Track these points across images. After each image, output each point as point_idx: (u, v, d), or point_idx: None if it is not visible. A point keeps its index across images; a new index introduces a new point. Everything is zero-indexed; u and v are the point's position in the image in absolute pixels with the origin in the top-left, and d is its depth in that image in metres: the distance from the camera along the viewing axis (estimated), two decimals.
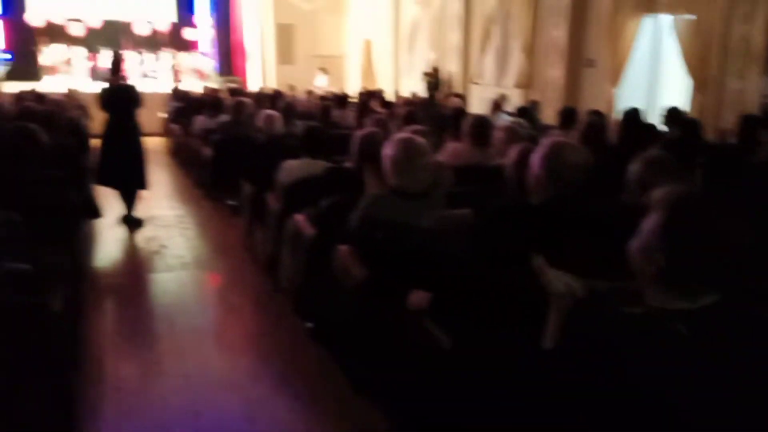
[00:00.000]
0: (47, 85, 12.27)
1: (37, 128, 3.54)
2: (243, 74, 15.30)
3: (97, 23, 14.80)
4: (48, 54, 14.31)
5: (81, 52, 14.61)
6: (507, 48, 10.22)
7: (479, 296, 2.44)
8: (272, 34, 14.68)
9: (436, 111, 8.13)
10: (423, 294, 2.48)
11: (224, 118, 6.99)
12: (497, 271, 2.44)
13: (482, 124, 4.58)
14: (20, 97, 7.51)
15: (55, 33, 14.51)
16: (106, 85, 6.00)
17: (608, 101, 8.29)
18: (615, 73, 8.33)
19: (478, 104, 10.49)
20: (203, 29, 15.98)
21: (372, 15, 14.09)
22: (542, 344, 1.86)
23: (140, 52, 14.96)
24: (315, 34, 14.88)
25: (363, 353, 2.86)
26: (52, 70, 14.28)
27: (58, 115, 6.05)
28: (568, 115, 6.00)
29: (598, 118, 5.57)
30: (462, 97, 9.49)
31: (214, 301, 4.58)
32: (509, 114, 7.48)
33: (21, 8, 14.91)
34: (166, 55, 15.12)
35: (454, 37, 11.39)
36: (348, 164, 3.82)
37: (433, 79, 11.57)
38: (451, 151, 4.53)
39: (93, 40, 14.73)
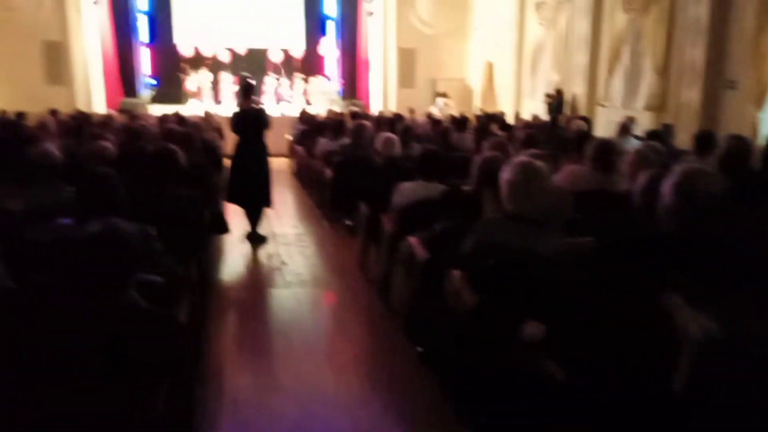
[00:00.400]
0: (189, 109, 13.28)
1: (176, 149, 3.80)
2: (366, 97, 15.72)
3: (239, 50, 15.86)
4: (192, 79, 15.54)
5: (224, 77, 15.72)
6: (637, 68, 9.73)
7: (600, 331, 2.29)
8: (394, 58, 14.99)
9: (559, 134, 7.87)
10: (538, 325, 2.37)
11: (345, 140, 7.19)
12: (621, 305, 2.28)
13: (606, 148, 4.36)
14: (163, 119, 8.15)
15: (199, 59, 15.73)
16: (237, 109, 6.39)
17: (752, 126, 7.63)
18: (759, 96, 7.66)
19: (604, 127, 10.05)
20: (330, 54, 16.67)
21: (494, 37, 14.00)
22: (669, 387, 1.71)
23: (277, 78, 15.88)
24: (436, 57, 15.02)
25: (472, 382, 2.78)
26: (196, 94, 15.47)
27: (195, 137, 6.51)
28: (705, 140, 5.55)
29: (740, 143, 5.11)
30: (587, 120, 9.13)
31: (328, 319, 4.66)
32: (638, 138, 7.09)
33: (167, 37, 16.33)
34: (297, 80, 15.94)
35: (580, 58, 11.02)
36: (465, 188, 3.77)
37: (556, 101, 11.25)
38: (572, 175, 4.34)
39: (235, 66, 15.81)
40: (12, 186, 3.44)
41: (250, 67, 15.43)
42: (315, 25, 17.11)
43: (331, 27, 17.24)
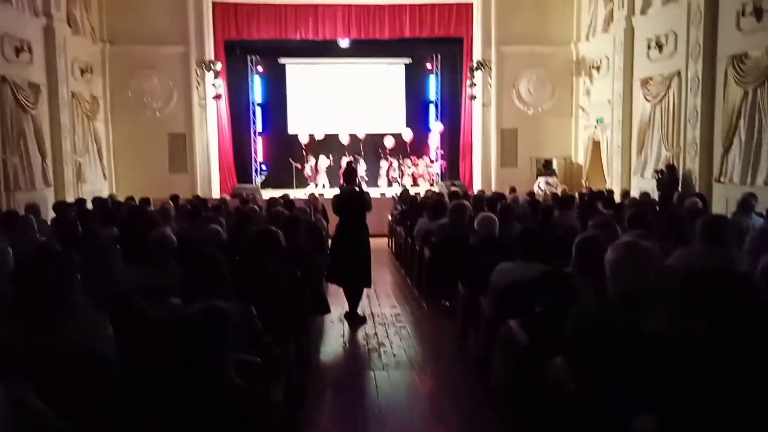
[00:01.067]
0: (301, 192, 13.95)
1: (278, 231, 3.98)
2: (466, 177, 15.84)
3: (347, 135, 16.66)
4: (307, 164, 16.43)
5: (326, 161, 16.51)
6: (756, 143, 9.17)
7: (720, 425, 2.07)
8: (495, 138, 15.11)
9: (670, 212, 7.48)
10: (649, 420, 2.18)
11: (444, 220, 7.20)
12: (746, 397, 2.06)
13: (718, 224, 4.09)
14: (270, 202, 8.58)
15: (309, 146, 16.63)
16: (339, 191, 6.62)
17: None
18: None
19: (721, 205, 9.46)
20: (433, 136, 17.09)
21: (599, 114, 13.81)
22: None
23: (388, 160, 16.49)
24: (539, 136, 14.98)
25: None
26: (306, 178, 16.29)
27: (300, 219, 6.78)
28: None
29: None
30: (702, 197, 8.62)
31: (424, 404, 4.53)
32: (761, 215, 6.59)
33: (280, 125, 17.45)
34: (402, 161, 16.45)
35: (692, 133, 10.58)
36: (567, 268, 3.63)
37: (668, 177, 10.77)
38: (685, 254, 4.07)
39: (341, 150, 16.60)
40: (133, 266, 3.70)
41: (357, 150, 16.15)
42: (418, 109, 17.71)
43: (432, 110, 17.79)
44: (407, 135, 16.78)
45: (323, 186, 15.95)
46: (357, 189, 6.57)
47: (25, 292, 2.81)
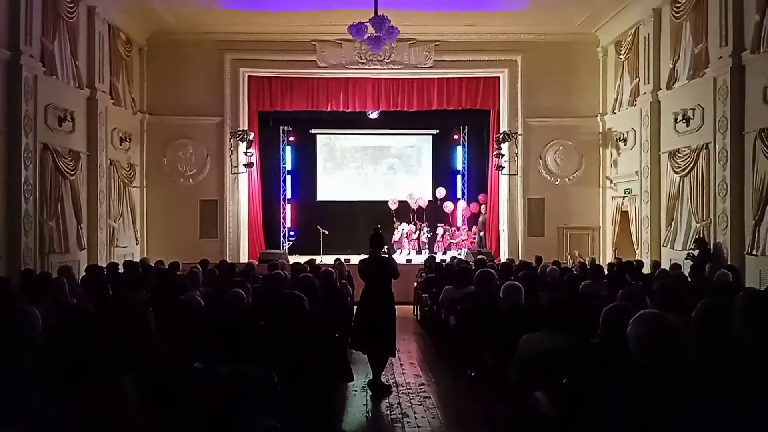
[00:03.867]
0: (325, 258, 14.04)
1: (302, 296, 4.00)
2: (495, 246, 15.79)
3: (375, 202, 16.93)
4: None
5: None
6: None
7: None
8: (522, 208, 15.13)
9: (703, 285, 7.33)
10: None
11: (470, 288, 7.16)
12: None
13: (761, 300, 3.98)
14: (296, 268, 8.63)
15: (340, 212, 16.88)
16: (366, 257, 6.65)
17: None
18: None
19: (754, 277, 9.24)
20: (460, 206, 17.22)
21: (627, 185, 13.79)
22: None
23: (417, 227, 16.61)
24: (565, 206, 14.98)
25: None
26: (393, 244, 16.41)
27: (325, 284, 6.80)
28: None
29: None
30: (735, 269, 8.44)
31: None
32: None
33: (309, 192, 17.80)
34: (431, 229, 16.55)
35: (722, 205, 10.48)
36: (594, 340, 3.57)
37: (699, 250, 10.59)
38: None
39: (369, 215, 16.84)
40: (161, 329, 3.74)
41: (383, 218, 16.30)
42: (445, 178, 17.94)
43: (461, 179, 18.00)
44: (432, 203, 16.98)
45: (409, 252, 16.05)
46: (383, 255, 6.60)
47: (52, 360, 2.84)
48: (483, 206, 16.51)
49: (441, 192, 17.26)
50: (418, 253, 16.11)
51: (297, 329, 3.80)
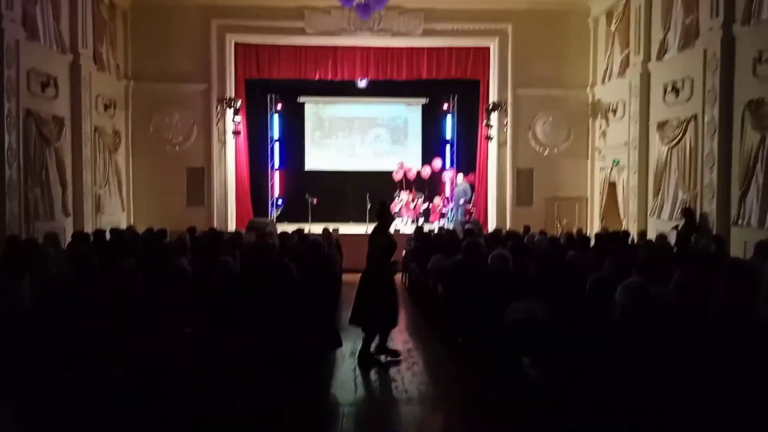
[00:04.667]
0: (313, 227, 14.04)
1: (291, 265, 4.00)
2: (483, 216, 15.83)
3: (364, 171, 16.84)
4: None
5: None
6: None
7: None
8: (511, 178, 15.15)
9: (688, 255, 7.40)
10: None
11: (458, 257, 7.19)
12: None
13: (741, 271, 4.02)
14: (283, 236, 8.61)
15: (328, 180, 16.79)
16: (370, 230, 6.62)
17: None
18: None
19: (738, 248, 9.35)
20: (448, 174, 17.17)
21: (616, 155, 13.83)
22: None
23: (412, 197, 16.56)
24: (554, 176, 15.02)
25: None
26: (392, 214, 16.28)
27: (314, 253, 6.80)
28: None
29: None
30: (720, 239, 8.53)
31: None
32: None
33: (297, 161, 17.69)
34: (419, 198, 16.50)
35: (709, 176, 10.55)
36: (580, 308, 3.61)
37: (685, 220, 10.70)
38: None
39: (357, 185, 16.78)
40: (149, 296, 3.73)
41: (378, 186, 16.27)
42: (434, 148, 17.86)
43: (450, 148, 17.94)
44: (420, 172, 16.92)
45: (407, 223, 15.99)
46: (386, 231, 6.57)
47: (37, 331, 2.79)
48: (460, 176, 16.34)
49: (438, 163, 17.15)
50: (414, 222, 16.06)
51: (286, 297, 3.80)
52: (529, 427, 3.59)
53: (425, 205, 16.56)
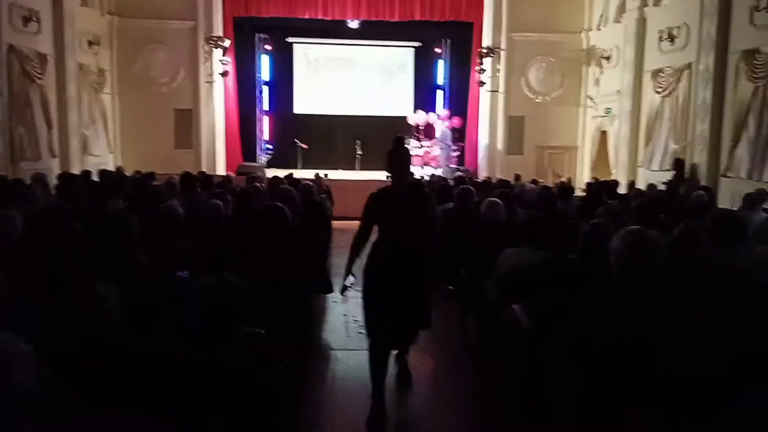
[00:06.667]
0: (303, 172, 13.93)
1: (284, 207, 3.97)
2: (474, 164, 15.79)
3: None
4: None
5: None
6: (766, 138, 9.13)
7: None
8: (502, 126, 15.04)
9: (677, 205, 7.45)
10: (653, 420, 2.18)
11: (449, 205, 7.19)
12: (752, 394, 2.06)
13: (728, 219, 4.07)
14: (274, 182, 8.52)
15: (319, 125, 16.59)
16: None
17: None
18: None
19: (728, 199, 9.43)
20: (439, 121, 17.01)
21: (608, 104, 13.74)
22: None
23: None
24: (545, 125, 14.93)
25: None
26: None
27: (305, 198, 6.76)
28: None
29: None
30: (708, 190, 8.60)
31: (426, 385, 4.56)
32: (767, 211, 6.57)
33: (286, 105, 17.42)
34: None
35: (701, 127, 10.54)
36: (571, 256, 3.64)
37: (675, 171, 10.74)
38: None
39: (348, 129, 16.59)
40: (141, 239, 3.71)
41: (368, 132, 16.12)
42: (426, 93, 17.63)
43: (440, 95, 17.71)
44: (418, 118, 16.70)
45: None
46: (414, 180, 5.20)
47: (31, 265, 2.78)
48: (445, 122, 16.16)
49: (443, 112, 16.83)
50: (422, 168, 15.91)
51: (278, 241, 3.79)
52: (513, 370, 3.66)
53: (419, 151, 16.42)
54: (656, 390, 2.23)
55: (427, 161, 16.06)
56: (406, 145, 3.60)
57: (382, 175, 14.25)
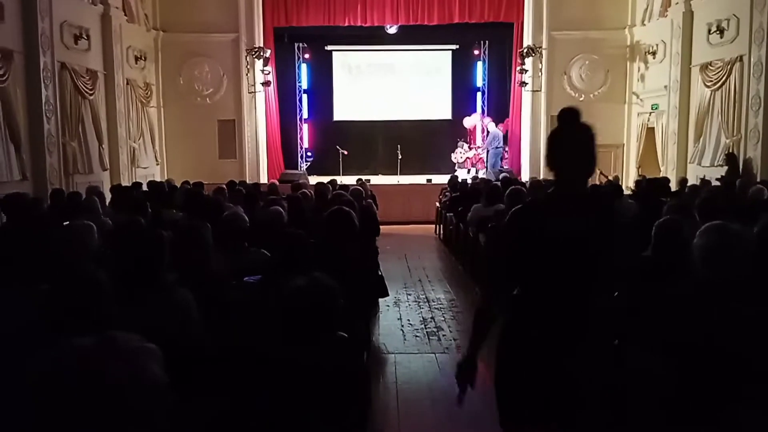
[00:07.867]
0: (344, 179, 14.01)
1: (351, 212, 3.98)
2: (516, 165, 15.64)
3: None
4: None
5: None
6: None
7: None
8: (544, 125, 14.86)
9: (733, 200, 7.24)
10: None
11: (500, 206, 7.12)
12: None
13: None
14: (319, 188, 8.33)
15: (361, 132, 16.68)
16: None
17: None
18: None
19: None
20: (482, 123, 16.92)
21: (654, 100, 13.45)
22: None
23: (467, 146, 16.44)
24: (590, 123, 14.64)
25: None
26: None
27: (359, 203, 6.79)
28: None
29: None
30: (766, 185, 8.32)
31: (486, 392, 4.50)
32: None
33: (326, 112, 17.55)
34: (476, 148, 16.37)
35: (754, 120, 10.23)
36: (646, 253, 3.55)
37: (729, 166, 10.44)
38: None
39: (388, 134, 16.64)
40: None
41: (408, 136, 16.18)
42: (464, 96, 17.56)
43: (479, 97, 17.63)
44: (472, 121, 16.67)
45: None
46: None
47: (113, 268, 2.86)
48: (489, 120, 16.10)
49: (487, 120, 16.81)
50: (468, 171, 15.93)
51: (347, 243, 3.80)
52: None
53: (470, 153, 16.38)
54: (754, 385, 2.16)
55: (475, 163, 16.04)
56: (582, 122, 1.99)
57: (422, 179, 14.27)
